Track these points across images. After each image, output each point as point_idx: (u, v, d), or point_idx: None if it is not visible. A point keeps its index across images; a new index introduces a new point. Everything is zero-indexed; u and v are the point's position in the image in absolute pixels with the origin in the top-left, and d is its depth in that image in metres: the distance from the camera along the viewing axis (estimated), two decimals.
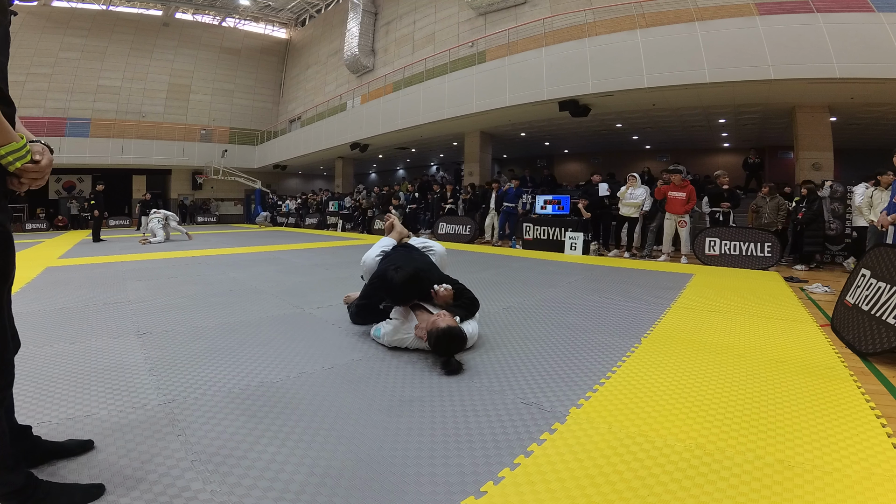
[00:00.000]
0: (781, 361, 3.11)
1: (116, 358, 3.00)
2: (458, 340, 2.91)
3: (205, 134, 29.09)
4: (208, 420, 2.14)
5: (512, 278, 6.69)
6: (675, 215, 9.29)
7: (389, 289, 3.27)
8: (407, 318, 3.26)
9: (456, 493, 1.61)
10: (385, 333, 3.26)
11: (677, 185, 9.23)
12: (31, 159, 1.35)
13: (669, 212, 9.34)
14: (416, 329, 3.14)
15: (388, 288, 3.27)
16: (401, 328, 3.21)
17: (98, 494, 1.59)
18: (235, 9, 30.29)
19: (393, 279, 3.21)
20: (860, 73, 9.12)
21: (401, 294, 3.26)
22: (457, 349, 2.91)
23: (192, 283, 6.15)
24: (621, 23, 12.32)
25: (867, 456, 1.89)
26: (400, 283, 3.19)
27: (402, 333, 3.21)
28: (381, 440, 1.97)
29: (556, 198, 11.61)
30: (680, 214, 9.24)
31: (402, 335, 3.21)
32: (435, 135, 18.36)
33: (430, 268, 3.63)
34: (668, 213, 9.37)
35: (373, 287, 3.52)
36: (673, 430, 2.10)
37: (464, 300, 3.43)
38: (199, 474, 1.69)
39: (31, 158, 1.35)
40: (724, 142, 17.62)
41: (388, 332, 3.25)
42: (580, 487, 1.64)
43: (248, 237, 15.95)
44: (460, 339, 2.93)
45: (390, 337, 3.25)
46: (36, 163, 1.36)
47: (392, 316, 3.33)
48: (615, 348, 3.34)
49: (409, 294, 3.27)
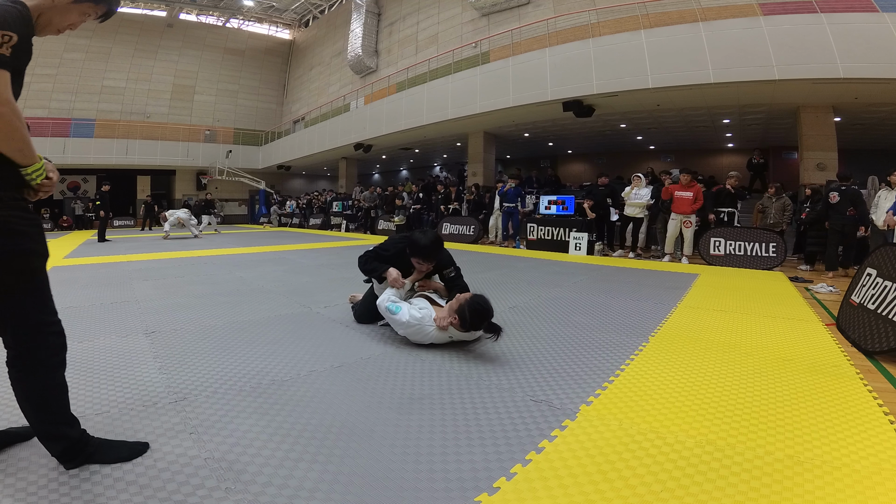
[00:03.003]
0: (788, 360, 3.12)
1: (125, 356, 3.01)
2: (488, 303, 3.11)
3: (209, 135, 29.11)
4: (220, 418, 2.14)
5: (517, 278, 6.71)
6: (682, 215, 9.22)
7: (417, 246, 3.48)
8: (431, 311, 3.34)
9: (469, 489, 1.62)
10: (412, 317, 3.25)
11: (685, 184, 9.21)
12: (46, 175, 1.60)
13: (676, 212, 9.27)
14: (437, 321, 3.20)
15: (416, 246, 3.48)
16: (425, 322, 3.23)
17: (143, 451, 1.81)
18: (239, 10, 30.32)
19: (421, 240, 3.48)
20: (864, 73, 9.09)
21: (428, 251, 3.48)
22: (491, 310, 3.09)
23: (198, 282, 6.18)
24: (625, 23, 12.30)
25: (876, 451, 1.91)
26: (429, 242, 3.47)
27: (426, 327, 3.22)
28: (393, 437, 1.98)
29: (560, 198, 11.61)
30: (687, 214, 9.19)
31: (426, 328, 3.23)
32: (438, 135, 18.37)
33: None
34: (674, 214, 9.32)
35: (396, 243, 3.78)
36: (683, 426, 2.11)
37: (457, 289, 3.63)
38: (212, 472, 1.70)
39: (46, 175, 1.60)
40: (729, 142, 17.59)
41: (416, 318, 3.25)
42: (593, 483, 1.66)
43: (253, 237, 16.00)
44: (488, 301, 3.12)
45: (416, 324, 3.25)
46: (50, 179, 1.62)
47: (422, 305, 3.37)
48: (623, 346, 3.36)
49: (433, 253, 3.51)
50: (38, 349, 1.60)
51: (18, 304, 1.57)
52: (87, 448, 1.70)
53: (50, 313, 1.66)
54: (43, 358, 1.61)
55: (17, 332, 1.58)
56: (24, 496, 1.54)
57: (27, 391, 1.61)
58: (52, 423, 1.64)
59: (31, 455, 1.78)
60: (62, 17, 1.64)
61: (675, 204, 9.27)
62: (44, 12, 1.59)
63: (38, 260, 1.62)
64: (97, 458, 1.71)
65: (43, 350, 1.61)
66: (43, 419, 1.64)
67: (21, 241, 1.54)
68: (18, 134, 1.45)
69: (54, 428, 1.64)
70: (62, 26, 1.67)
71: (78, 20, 1.70)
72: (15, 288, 1.56)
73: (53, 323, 1.66)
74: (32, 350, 1.59)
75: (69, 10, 1.65)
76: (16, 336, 1.58)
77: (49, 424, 1.64)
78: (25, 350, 1.59)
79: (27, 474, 1.66)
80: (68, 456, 1.67)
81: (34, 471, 1.68)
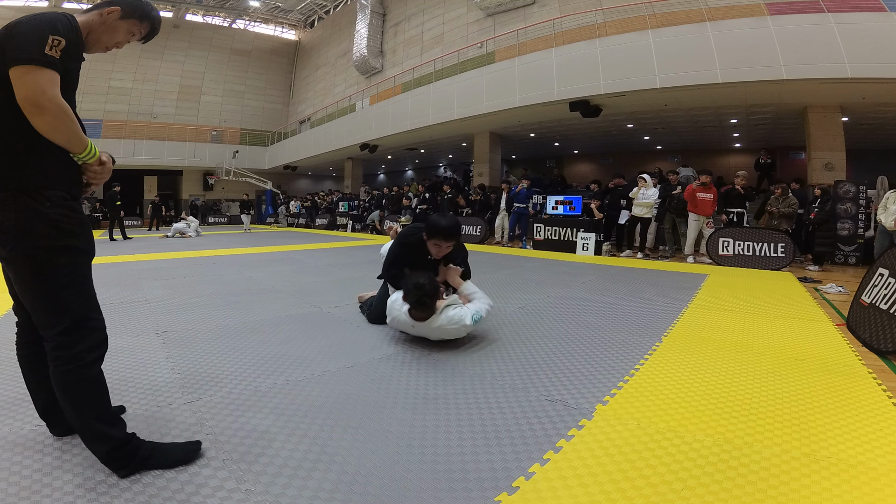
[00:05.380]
0: (800, 359, 3.11)
1: (138, 356, 3.02)
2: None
3: (216, 135, 29.20)
4: (237, 419, 2.14)
5: (526, 278, 6.70)
6: (704, 217, 9.30)
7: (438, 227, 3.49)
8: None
9: (489, 489, 1.62)
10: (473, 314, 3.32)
11: (707, 186, 9.25)
12: (99, 160, 1.75)
13: (698, 213, 9.33)
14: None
15: (437, 227, 3.49)
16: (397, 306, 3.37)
17: (196, 450, 1.83)
18: (245, 10, 30.39)
19: (440, 221, 3.52)
20: (872, 73, 9.04)
21: (448, 231, 3.49)
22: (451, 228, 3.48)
23: (208, 282, 6.20)
24: (632, 23, 12.26)
25: (893, 450, 1.91)
26: (448, 223, 3.51)
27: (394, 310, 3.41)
28: (409, 437, 1.98)
29: (567, 198, 11.59)
30: (709, 216, 9.29)
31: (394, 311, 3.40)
32: (444, 135, 18.35)
33: None
34: (696, 215, 9.36)
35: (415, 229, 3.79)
36: (701, 426, 2.11)
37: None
38: (231, 473, 1.69)
39: (99, 159, 1.75)
40: (736, 142, 17.52)
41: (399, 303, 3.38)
42: (613, 482, 1.66)
43: (260, 237, 16.04)
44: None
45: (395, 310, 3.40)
46: (102, 163, 1.76)
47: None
48: (637, 346, 3.36)
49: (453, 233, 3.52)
50: (76, 343, 1.63)
51: (61, 298, 1.62)
52: (138, 452, 1.70)
53: (91, 309, 1.70)
54: (80, 352, 1.63)
55: (57, 325, 1.61)
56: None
57: (63, 387, 1.63)
58: (89, 421, 1.65)
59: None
60: (110, 35, 1.80)
61: (699, 205, 9.30)
62: (93, 29, 1.75)
63: (82, 257, 1.69)
64: (152, 464, 1.71)
65: (80, 344, 1.64)
66: (80, 416, 1.65)
67: (67, 238, 1.62)
68: (64, 127, 1.56)
69: (91, 425, 1.65)
70: (110, 44, 1.84)
71: (124, 39, 1.86)
72: (58, 282, 1.61)
73: (94, 319, 1.70)
74: (70, 344, 1.62)
75: (116, 27, 1.80)
76: (55, 329, 1.61)
77: (87, 421, 1.65)
78: (63, 344, 1.62)
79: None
80: (118, 461, 1.66)
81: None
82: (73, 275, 1.65)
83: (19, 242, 1.56)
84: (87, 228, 1.71)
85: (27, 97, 1.46)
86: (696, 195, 9.29)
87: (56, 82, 1.52)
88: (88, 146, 1.67)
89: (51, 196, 1.59)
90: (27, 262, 1.58)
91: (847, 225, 9.27)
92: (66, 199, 1.64)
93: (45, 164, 1.60)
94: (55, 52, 1.50)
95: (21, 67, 1.45)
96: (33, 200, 1.56)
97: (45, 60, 1.47)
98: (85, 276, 1.70)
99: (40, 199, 1.57)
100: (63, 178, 1.65)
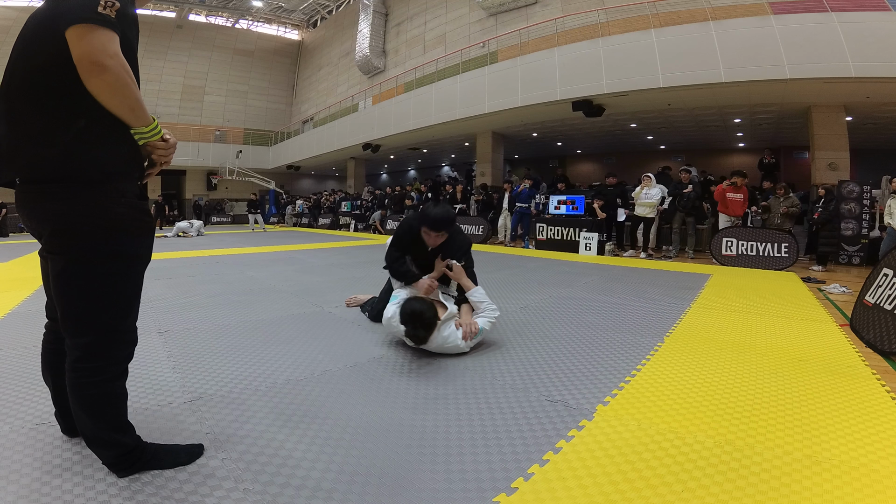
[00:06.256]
0: (803, 360, 3.09)
1: (139, 355, 2.93)
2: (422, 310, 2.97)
3: (219, 135, 29.28)
4: (237, 418, 2.14)
5: (527, 278, 6.69)
6: (735, 217, 9.36)
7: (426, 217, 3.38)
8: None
9: (487, 490, 1.61)
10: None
11: (738, 186, 9.28)
12: (162, 137, 1.60)
13: (728, 214, 9.38)
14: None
15: (426, 216, 3.39)
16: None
17: (200, 453, 1.79)
18: (248, 10, 30.48)
19: (431, 210, 3.38)
20: (876, 72, 8.99)
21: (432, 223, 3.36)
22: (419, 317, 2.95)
23: (210, 281, 6.20)
24: (635, 22, 12.23)
25: (895, 452, 1.89)
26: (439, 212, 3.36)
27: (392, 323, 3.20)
28: (409, 438, 1.98)
29: (570, 198, 11.58)
30: (739, 216, 9.36)
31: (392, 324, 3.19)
32: (447, 135, 18.35)
33: None
34: (727, 216, 9.41)
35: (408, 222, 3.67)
36: (702, 427, 2.10)
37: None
38: (230, 472, 1.69)
39: (162, 136, 1.60)
40: (739, 142, 17.45)
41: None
42: (612, 483, 1.65)
43: (263, 237, 16.04)
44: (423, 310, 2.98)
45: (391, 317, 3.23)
46: (165, 141, 1.62)
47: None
48: (638, 347, 3.34)
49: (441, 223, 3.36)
50: (105, 355, 1.56)
51: (102, 306, 1.53)
52: (143, 456, 1.65)
53: (131, 321, 1.63)
54: (106, 365, 1.56)
55: (89, 333, 1.52)
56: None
57: (83, 397, 1.55)
58: (104, 430, 1.58)
59: None
60: None
61: (730, 206, 9.35)
62: None
63: (138, 265, 1.62)
64: (154, 465, 1.67)
65: (109, 357, 1.57)
66: (95, 425, 1.57)
67: (126, 242, 1.55)
68: (129, 90, 1.41)
69: (106, 434, 1.59)
70: None
71: None
72: (105, 290, 1.53)
73: (130, 331, 1.63)
74: (99, 355, 1.55)
75: None
76: (87, 338, 1.52)
77: (101, 430, 1.58)
78: (92, 354, 1.54)
79: None
80: (122, 465, 1.62)
81: None
82: (124, 284, 1.57)
83: (76, 243, 1.47)
84: (150, 233, 1.64)
85: (85, 53, 1.32)
86: (726, 195, 9.35)
87: (116, 41, 1.38)
88: (154, 120, 1.55)
89: (125, 191, 1.50)
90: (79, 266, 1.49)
91: (851, 225, 9.24)
92: (138, 198, 1.56)
93: (109, 144, 1.47)
94: (111, 11, 1.36)
95: (78, 27, 1.32)
96: (105, 198, 1.47)
97: (102, 19, 1.34)
98: (135, 286, 1.62)
99: (114, 197, 1.48)
100: (132, 161, 1.54)
